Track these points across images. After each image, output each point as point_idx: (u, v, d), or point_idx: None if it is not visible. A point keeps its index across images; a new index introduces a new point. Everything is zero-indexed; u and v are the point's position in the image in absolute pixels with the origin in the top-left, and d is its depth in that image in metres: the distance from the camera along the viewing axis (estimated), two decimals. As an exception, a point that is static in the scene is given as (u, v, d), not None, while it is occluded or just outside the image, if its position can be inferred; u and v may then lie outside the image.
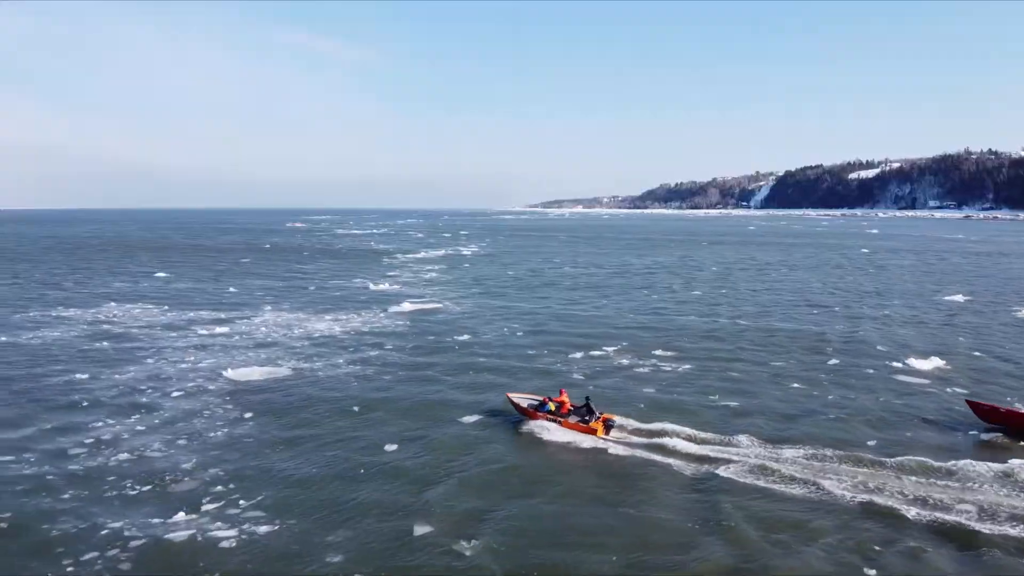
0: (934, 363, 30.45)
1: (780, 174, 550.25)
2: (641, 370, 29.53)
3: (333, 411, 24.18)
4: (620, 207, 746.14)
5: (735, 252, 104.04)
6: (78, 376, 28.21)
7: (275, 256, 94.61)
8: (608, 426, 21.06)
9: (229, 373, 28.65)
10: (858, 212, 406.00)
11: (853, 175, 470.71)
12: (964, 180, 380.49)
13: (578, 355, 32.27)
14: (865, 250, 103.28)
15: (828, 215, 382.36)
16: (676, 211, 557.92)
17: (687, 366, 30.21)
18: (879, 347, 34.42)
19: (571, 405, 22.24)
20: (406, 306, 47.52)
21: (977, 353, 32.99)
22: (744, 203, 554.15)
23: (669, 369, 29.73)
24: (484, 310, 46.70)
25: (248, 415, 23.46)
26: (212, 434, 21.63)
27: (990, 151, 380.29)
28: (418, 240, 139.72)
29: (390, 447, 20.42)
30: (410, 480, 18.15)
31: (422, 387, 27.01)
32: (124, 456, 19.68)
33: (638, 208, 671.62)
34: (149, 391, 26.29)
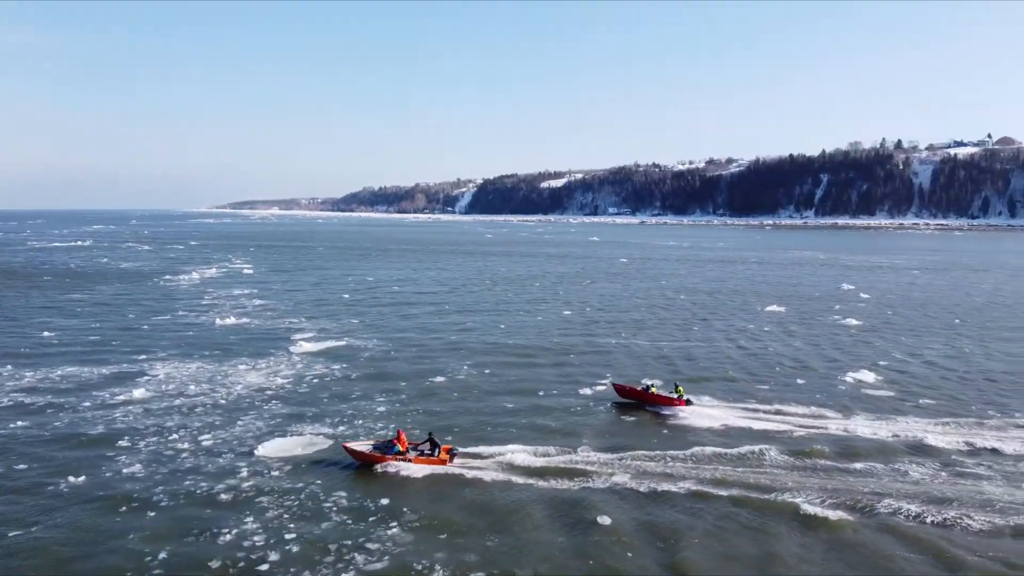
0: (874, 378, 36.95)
1: (480, 182, 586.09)
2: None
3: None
4: (321, 209, 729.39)
5: (535, 264, 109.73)
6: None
7: (19, 283, 74.58)
8: (452, 455, 23.47)
9: (259, 452, 23.65)
10: (552, 218, 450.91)
11: (545, 184, 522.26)
12: (636, 190, 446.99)
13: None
14: (624, 260, 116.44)
15: (530, 221, 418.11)
16: (386, 215, 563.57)
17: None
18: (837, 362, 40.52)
19: (409, 443, 23.92)
20: (305, 345, 42.93)
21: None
22: (449, 208, 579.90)
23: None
24: (396, 344, 43.88)
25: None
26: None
27: (655, 164, 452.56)
28: (153, 253, 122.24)
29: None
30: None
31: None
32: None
33: (343, 211, 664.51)
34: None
